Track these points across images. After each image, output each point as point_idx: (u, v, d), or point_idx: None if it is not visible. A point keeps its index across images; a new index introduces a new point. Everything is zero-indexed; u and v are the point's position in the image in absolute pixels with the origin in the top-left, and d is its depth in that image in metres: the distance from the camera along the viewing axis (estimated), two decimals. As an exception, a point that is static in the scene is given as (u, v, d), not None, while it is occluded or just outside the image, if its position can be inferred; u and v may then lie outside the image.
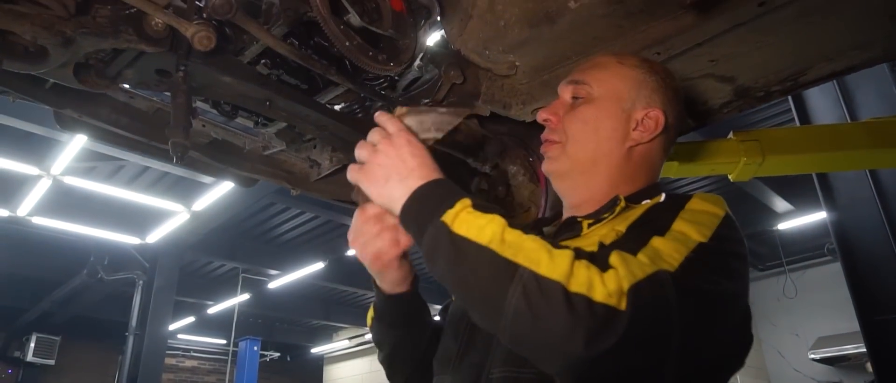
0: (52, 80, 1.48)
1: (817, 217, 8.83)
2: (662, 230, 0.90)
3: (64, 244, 9.70)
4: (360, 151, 1.05)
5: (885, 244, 3.67)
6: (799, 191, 8.46)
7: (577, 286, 0.76)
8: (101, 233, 8.86)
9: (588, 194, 1.18)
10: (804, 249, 10.69)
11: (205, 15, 1.31)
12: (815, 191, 4.25)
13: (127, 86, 1.58)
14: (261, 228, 10.50)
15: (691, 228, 0.91)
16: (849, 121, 3.68)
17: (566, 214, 1.24)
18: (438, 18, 1.78)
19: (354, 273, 11.72)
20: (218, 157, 2.07)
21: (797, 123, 4.07)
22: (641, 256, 0.82)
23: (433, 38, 2.00)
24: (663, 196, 1.07)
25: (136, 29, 1.28)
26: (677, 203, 0.99)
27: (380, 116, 1.07)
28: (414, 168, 0.98)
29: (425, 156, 1.00)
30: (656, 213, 0.99)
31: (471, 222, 0.87)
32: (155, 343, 9.73)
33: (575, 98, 1.23)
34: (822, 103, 3.97)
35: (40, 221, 8.17)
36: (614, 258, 0.81)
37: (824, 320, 10.21)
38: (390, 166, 0.99)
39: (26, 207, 7.75)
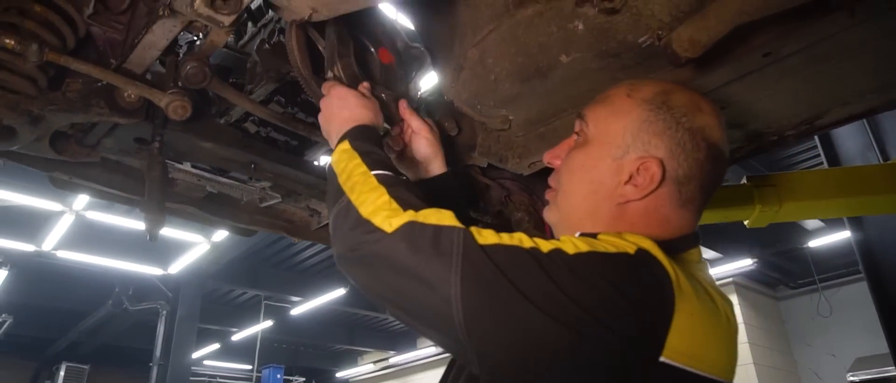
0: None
1: (849, 233, 8.53)
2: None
3: (89, 276, 9.84)
4: None
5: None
6: (829, 207, 8.19)
7: (367, 212, 0.94)
8: (125, 265, 8.97)
9: None
10: (838, 266, 10.33)
11: (180, 84, 1.27)
12: (844, 211, 4.07)
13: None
14: (281, 256, 10.53)
15: (570, 241, 0.87)
16: (878, 156, 3.50)
17: None
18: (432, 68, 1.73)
19: (376, 298, 11.65)
20: (214, 211, 2.02)
21: (822, 156, 3.90)
22: (473, 227, 0.89)
23: (429, 82, 1.95)
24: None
25: (108, 101, 1.24)
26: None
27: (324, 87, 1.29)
28: (339, 125, 1.19)
29: (342, 108, 1.21)
30: None
31: (338, 158, 1.10)
32: (179, 372, 9.77)
33: (577, 135, 1.11)
34: (849, 133, 3.80)
35: (65, 255, 8.31)
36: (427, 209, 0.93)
37: (862, 339, 9.78)
38: (327, 124, 1.25)
39: (51, 242, 7.89)
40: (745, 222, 1.86)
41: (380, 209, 0.94)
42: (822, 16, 1.04)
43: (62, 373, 13.32)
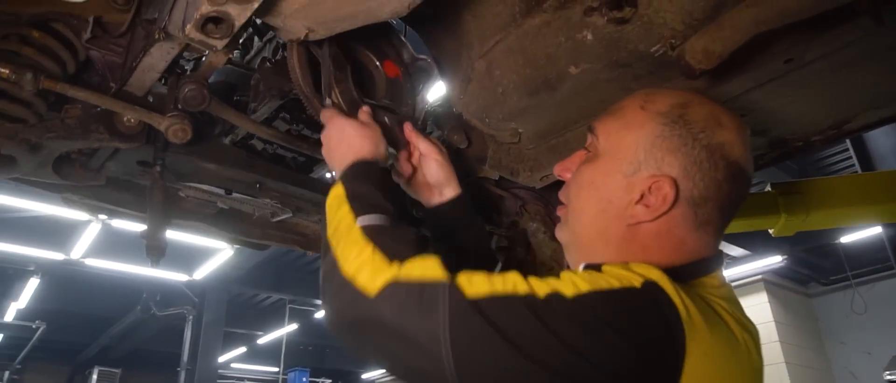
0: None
1: (881, 229, 8.24)
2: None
3: (117, 283, 10.03)
4: None
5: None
6: (862, 202, 7.93)
7: (351, 271, 0.90)
8: (151, 272, 9.10)
9: None
10: (872, 261, 10.00)
11: (180, 106, 1.24)
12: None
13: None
14: (304, 260, 10.59)
15: (570, 280, 0.80)
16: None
17: None
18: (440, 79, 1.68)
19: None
20: (226, 227, 2.00)
21: (853, 157, 3.76)
22: (462, 274, 0.83)
23: (438, 92, 1.91)
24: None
25: (107, 127, 1.22)
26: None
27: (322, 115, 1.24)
28: (339, 162, 1.15)
29: (340, 142, 1.16)
30: None
31: (329, 205, 1.06)
32: (206, 376, 9.89)
33: (587, 149, 1.03)
34: (882, 133, 3.66)
35: (93, 263, 8.46)
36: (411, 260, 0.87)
37: (899, 337, 9.50)
38: (329, 159, 1.21)
39: (79, 250, 8.04)
40: (771, 231, 1.77)
41: (363, 265, 0.89)
42: (845, 21, 0.97)
43: (95, 377, 13.60)
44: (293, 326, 12.58)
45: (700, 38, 0.96)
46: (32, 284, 9.61)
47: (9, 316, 11.41)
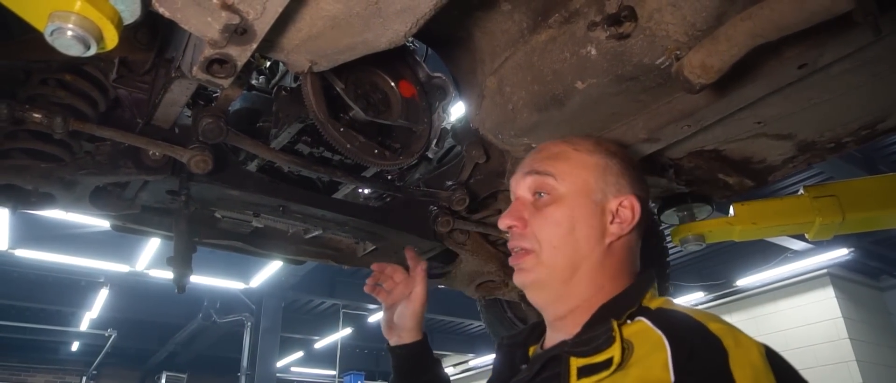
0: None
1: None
2: None
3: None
4: None
5: None
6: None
7: None
8: (210, 280, 9.45)
9: (571, 303, 1.02)
10: (950, 250, 9.39)
11: (200, 138, 1.30)
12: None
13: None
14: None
15: None
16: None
17: (548, 329, 1.06)
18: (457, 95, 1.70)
19: (451, 302, 11.71)
20: (262, 245, 2.07)
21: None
22: None
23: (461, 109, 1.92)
24: (668, 348, 0.81)
25: (134, 161, 1.29)
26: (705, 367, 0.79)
27: None
28: None
29: None
30: None
31: None
32: (265, 380, 10.19)
33: (537, 193, 1.08)
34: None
35: (156, 273, 8.84)
36: None
37: (984, 331, 8.88)
38: None
39: (143, 262, 8.42)
40: (807, 235, 1.70)
41: None
42: (853, 27, 0.93)
43: (163, 381, 14.25)
44: (347, 330, 12.81)
45: (697, 52, 0.94)
46: (103, 295, 10.15)
47: (83, 326, 12.12)
